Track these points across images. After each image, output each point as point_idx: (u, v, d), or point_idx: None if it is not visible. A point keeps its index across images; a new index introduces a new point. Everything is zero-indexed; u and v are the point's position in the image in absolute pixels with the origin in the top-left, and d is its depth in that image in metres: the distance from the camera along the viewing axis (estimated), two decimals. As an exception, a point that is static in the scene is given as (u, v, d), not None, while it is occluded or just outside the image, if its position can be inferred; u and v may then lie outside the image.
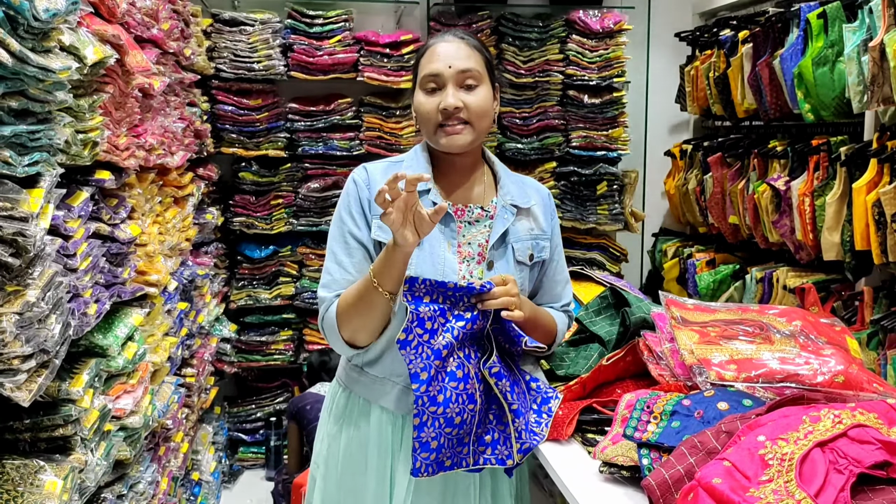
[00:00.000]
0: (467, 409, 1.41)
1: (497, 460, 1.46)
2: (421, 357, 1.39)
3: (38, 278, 1.33)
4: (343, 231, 1.57)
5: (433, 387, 1.38)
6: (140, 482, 1.99)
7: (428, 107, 1.55)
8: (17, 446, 1.53)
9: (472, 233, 1.61)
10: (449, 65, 1.53)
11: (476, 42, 1.59)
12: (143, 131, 2.11)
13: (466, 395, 1.42)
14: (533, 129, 3.82)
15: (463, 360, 1.43)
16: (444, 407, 1.39)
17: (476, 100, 1.54)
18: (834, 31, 2.63)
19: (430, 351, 1.39)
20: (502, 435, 1.47)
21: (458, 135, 1.54)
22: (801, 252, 2.99)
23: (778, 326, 1.52)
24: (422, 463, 1.39)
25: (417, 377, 1.38)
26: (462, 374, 1.42)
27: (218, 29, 3.60)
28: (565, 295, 1.80)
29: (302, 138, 3.74)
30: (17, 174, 1.29)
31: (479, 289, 1.44)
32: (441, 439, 1.40)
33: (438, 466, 1.40)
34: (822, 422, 1.05)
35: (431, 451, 1.39)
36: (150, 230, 2.17)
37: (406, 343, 1.39)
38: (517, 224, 1.64)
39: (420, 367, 1.38)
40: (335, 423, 1.68)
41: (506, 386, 1.46)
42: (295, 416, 3.25)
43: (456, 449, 1.43)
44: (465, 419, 1.41)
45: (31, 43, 1.30)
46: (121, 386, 1.87)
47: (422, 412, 1.38)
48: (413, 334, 1.39)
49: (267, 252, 3.80)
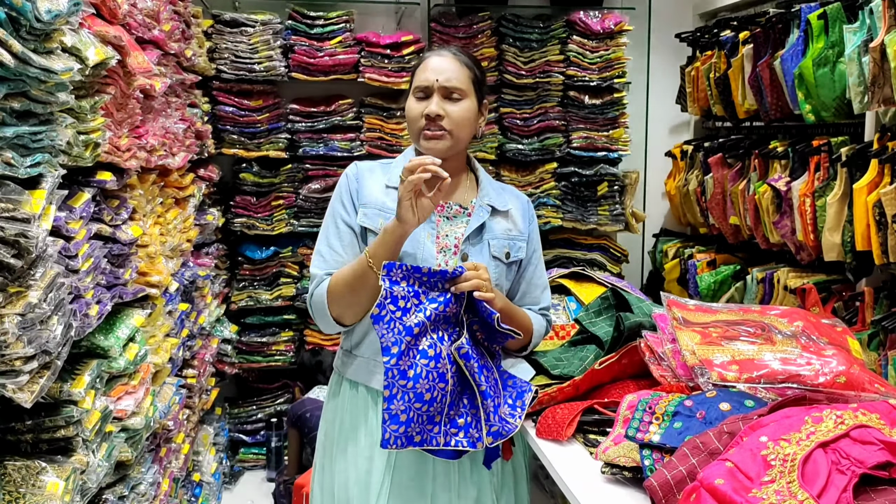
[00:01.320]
0: (437, 387, 1.47)
1: (468, 443, 1.51)
2: (392, 332, 1.45)
3: (39, 279, 1.33)
4: (335, 217, 1.73)
5: (403, 361, 1.44)
6: (141, 483, 1.99)
7: (414, 112, 1.71)
8: (19, 447, 1.53)
9: (450, 227, 1.74)
10: (437, 78, 1.68)
11: (467, 59, 1.74)
12: (144, 132, 2.11)
13: (437, 374, 1.47)
14: (534, 130, 3.82)
15: (436, 341, 1.50)
16: (414, 382, 1.45)
17: (457, 110, 1.69)
18: (834, 32, 2.63)
19: (402, 327, 1.46)
20: (474, 419, 1.52)
21: (437, 140, 1.69)
22: (802, 253, 2.99)
23: (779, 327, 1.52)
24: (391, 434, 1.43)
25: (388, 350, 1.44)
26: (433, 353, 1.49)
27: (219, 30, 3.60)
28: (544, 299, 1.89)
29: (303, 139, 3.74)
30: (19, 175, 1.29)
31: (452, 273, 1.53)
32: (410, 413, 1.44)
33: (407, 440, 1.45)
34: (825, 422, 1.05)
35: (401, 424, 1.44)
36: (152, 231, 2.17)
37: (379, 318, 1.46)
38: (494, 223, 1.77)
39: (391, 342, 1.45)
40: (332, 408, 1.79)
41: (474, 367, 1.51)
42: (296, 424, 3.24)
43: (426, 426, 1.47)
44: (434, 397, 1.47)
45: (33, 44, 1.30)
46: (122, 387, 1.87)
47: (391, 384, 1.44)
48: (386, 310, 1.46)
49: (268, 253, 3.80)
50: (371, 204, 1.71)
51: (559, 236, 4.00)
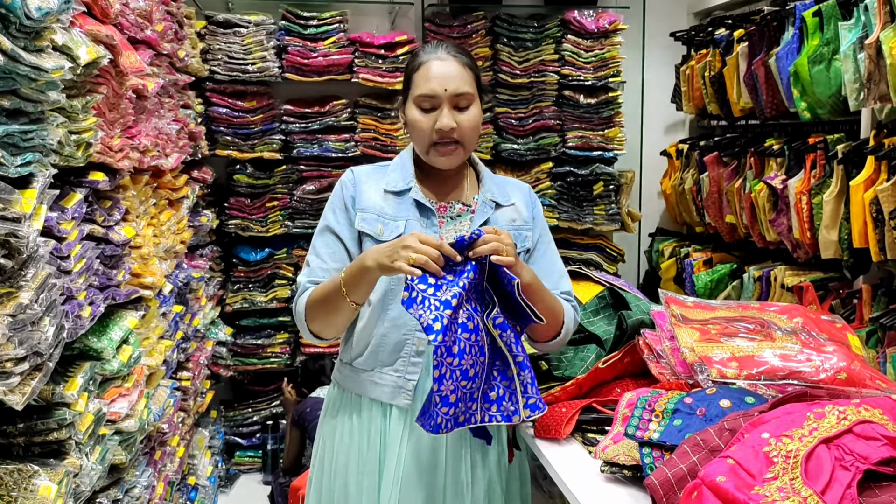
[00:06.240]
0: (479, 362, 1.39)
1: (503, 416, 1.44)
2: (430, 309, 1.34)
3: (31, 280, 1.31)
4: (325, 226, 1.70)
5: (448, 337, 1.34)
6: (136, 487, 1.97)
7: (423, 125, 1.64)
8: (11, 451, 1.51)
9: (454, 227, 1.70)
10: (445, 87, 1.62)
11: (467, 59, 1.69)
12: (136, 133, 2.09)
13: (478, 348, 1.39)
14: (529, 130, 3.82)
15: (471, 312, 1.40)
16: (460, 358, 1.35)
17: (468, 119, 1.65)
18: (830, 29, 2.63)
19: (439, 302, 1.36)
20: (507, 391, 1.45)
21: (451, 155, 1.65)
22: (799, 251, 2.98)
23: (779, 323, 1.51)
24: (443, 419, 1.35)
25: (431, 329, 1.33)
26: (472, 325, 1.39)
27: (212, 31, 3.58)
28: (563, 284, 1.78)
29: (297, 140, 3.72)
30: (9, 174, 1.28)
31: (470, 237, 1.43)
32: (458, 393, 1.36)
33: (455, 422, 1.37)
34: (827, 418, 1.04)
35: (451, 406, 1.35)
36: (145, 232, 2.16)
37: (411, 301, 1.35)
38: (498, 215, 1.72)
39: (431, 319, 1.33)
40: (330, 421, 1.74)
41: (510, 338, 1.44)
42: (297, 423, 3.23)
43: (468, 404, 1.39)
44: (477, 372, 1.39)
45: (23, 42, 1.28)
46: (116, 389, 1.85)
47: (440, 364, 1.34)
48: (416, 291, 1.36)
49: (262, 255, 3.78)
50: (369, 209, 1.67)
51: (555, 236, 3.96)
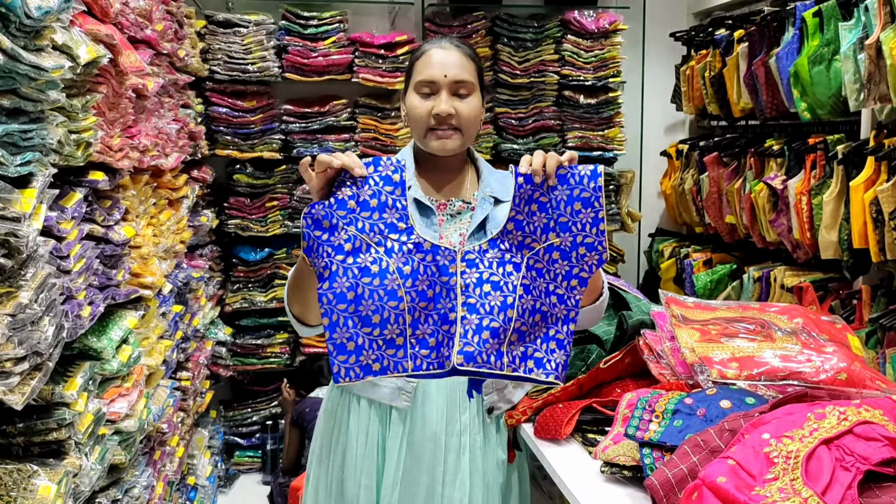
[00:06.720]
0: (387, 307, 1.30)
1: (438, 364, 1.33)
2: (322, 256, 1.31)
3: (30, 280, 1.31)
4: None
5: (338, 283, 1.30)
6: (135, 487, 1.97)
7: (421, 110, 1.63)
8: (10, 451, 1.50)
9: (454, 225, 1.68)
10: (445, 73, 1.61)
11: (470, 51, 1.68)
12: (136, 132, 2.09)
13: (384, 292, 1.30)
14: (529, 130, 3.81)
15: (382, 255, 1.32)
16: (356, 304, 1.30)
17: (467, 108, 1.63)
18: (830, 30, 2.63)
19: (331, 248, 1.31)
20: (445, 336, 1.32)
21: (448, 139, 1.63)
22: (799, 251, 2.98)
23: (779, 324, 1.51)
24: (340, 367, 1.29)
25: (322, 277, 1.30)
26: (378, 269, 1.31)
27: (212, 30, 3.58)
28: None
29: (297, 140, 3.72)
30: (8, 174, 1.27)
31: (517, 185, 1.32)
32: (359, 339, 1.30)
33: (364, 370, 1.31)
34: (828, 419, 1.04)
35: (349, 354, 1.29)
36: (145, 232, 2.15)
37: (308, 249, 1.32)
38: (497, 212, 1.68)
39: (322, 266, 1.30)
40: (328, 420, 1.73)
41: (472, 276, 1.32)
42: (296, 423, 3.22)
43: (385, 351, 1.31)
44: (386, 318, 1.30)
45: (22, 41, 1.28)
46: (115, 389, 1.85)
47: (328, 311, 1.29)
48: (311, 239, 1.32)
49: (262, 254, 3.78)
50: None
51: (555, 236, 3.99)
